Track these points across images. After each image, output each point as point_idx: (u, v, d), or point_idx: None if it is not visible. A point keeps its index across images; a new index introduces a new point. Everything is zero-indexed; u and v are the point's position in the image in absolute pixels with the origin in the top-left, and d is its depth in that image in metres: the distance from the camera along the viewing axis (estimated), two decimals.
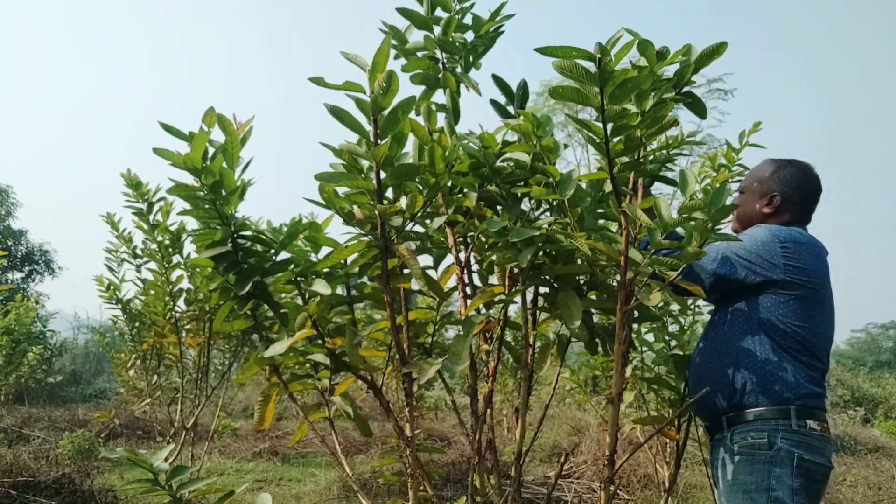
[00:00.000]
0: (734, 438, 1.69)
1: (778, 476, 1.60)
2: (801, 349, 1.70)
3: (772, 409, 1.65)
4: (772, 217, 1.85)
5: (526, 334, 1.67)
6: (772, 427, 1.64)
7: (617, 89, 1.23)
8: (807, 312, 1.70)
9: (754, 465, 1.63)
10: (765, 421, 1.65)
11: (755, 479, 1.62)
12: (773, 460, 1.62)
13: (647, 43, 1.23)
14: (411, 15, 1.62)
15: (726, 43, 1.30)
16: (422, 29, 1.64)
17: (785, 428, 1.64)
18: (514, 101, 1.68)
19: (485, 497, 1.69)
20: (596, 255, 1.51)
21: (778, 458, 1.61)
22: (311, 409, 1.83)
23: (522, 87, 1.67)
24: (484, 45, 1.66)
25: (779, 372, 1.67)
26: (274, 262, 1.61)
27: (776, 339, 1.69)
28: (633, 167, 1.48)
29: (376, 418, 8.25)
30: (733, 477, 1.66)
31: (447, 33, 1.61)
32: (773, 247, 1.69)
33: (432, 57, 1.66)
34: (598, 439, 5.67)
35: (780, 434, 1.63)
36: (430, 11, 1.62)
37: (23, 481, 4.09)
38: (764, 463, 1.62)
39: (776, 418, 1.65)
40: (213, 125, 1.44)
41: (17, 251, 18.85)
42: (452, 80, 1.62)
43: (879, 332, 35.87)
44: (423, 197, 1.50)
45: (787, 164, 1.88)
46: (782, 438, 1.63)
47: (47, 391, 11.01)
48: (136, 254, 3.70)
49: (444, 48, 1.64)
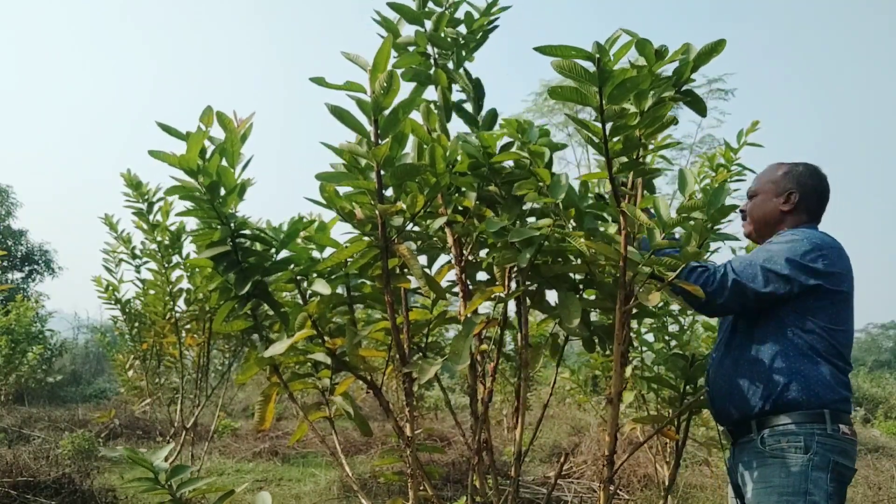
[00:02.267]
0: (766, 441, 1.67)
1: (815, 480, 1.59)
2: (834, 352, 1.69)
3: (807, 413, 1.64)
4: (790, 215, 1.84)
5: (525, 334, 1.67)
6: (807, 431, 1.63)
7: (616, 89, 1.24)
8: (840, 316, 1.71)
9: (790, 468, 1.62)
10: (799, 425, 1.64)
11: (792, 483, 1.60)
12: (810, 464, 1.61)
13: (646, 42, 1.23)
14: (403, 9, 1.61)
15: (724, 41, 1.30)
16: (413, 24, 1.62)
17: (820, 432, 1.63)
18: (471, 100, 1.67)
19: (485, 497, 1.70)
20: (594, 254, 1.51)
21: (814, 463, 1.61)
22: (311, 408, 1.83)
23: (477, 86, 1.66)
24: (476, 41, 1.65)
25: (814, 375, 1.66)
26: (274, 262, 1.61)
27: (810, 342, 1.68)
28: (632, 167, 1.48)
29: (376, 418, 8.25)
30: (767, 480, 1.64)
31: (439, 28, 1.60)
32: (814, 255, 1.68)
33: (423, 53, 1.65)
34: (598, 439, 5.66)
35: (816, 438, 1.62)
36: (422, 6, 1.62)
37: (23, 481, 4.09)
38: (801, 467, 1.61)
39: (811, 422, 1.64)
40: (210, 124, 1.44)
41: (17, 251, 18.83)
42: (444, 77, 1.62)
43: (879, 332, 35.86)
44: (424, 197, 1.50)
45: (798, 164, 1.89)
46: (818, 443, 1.62)
47: (47, 391, 10.99)
48: (134, 254, 3.70)
49: (435, 44, 1.63)
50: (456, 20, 1.63)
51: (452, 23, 1.62)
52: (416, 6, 1.61)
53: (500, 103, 2.17)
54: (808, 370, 1.67)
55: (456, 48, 1.63)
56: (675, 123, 1.38)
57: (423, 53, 1.65)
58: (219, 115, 1.44)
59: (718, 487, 4.88)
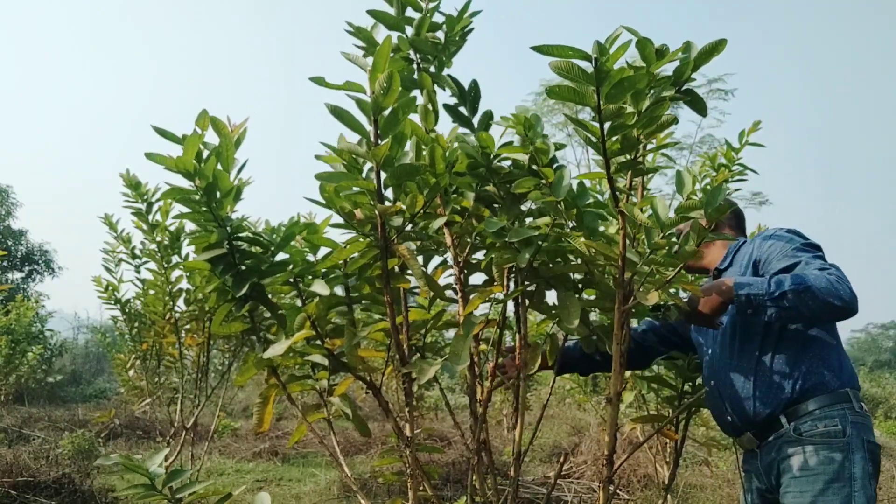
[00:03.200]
0: (801, 429, 1.65)
1: (856, 462, 1.58)
2: (833, 330, 1.72)
3: (834, 395, 1.64)
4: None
5: (524, 334, 1.67)
6: (840, 412, 1.62)
7: (613, 88, 1.23)
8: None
9: (833, 453, 1.60)
10: (831, 406, 1.63)
11: (836, 468, 1.58)
12: (849, 446, 1.60)
13: (646, 41, 1.23)
14: (383, 16, 1.62)
15: (725, 40, 1.30)
16: (393, 30, 1.62)
17: (850, 411, 1.63)
18: (466, 103, 1.67)
19: (484, 497, 1.69)
20: (594, 254, 1.51)
21: (853, 444, 1.60)
22: (310, 409, 1.83)
23: (474, 88, 1.66)
24: (455, 45, 1.66)
25: (829, 357, 1.67)
26: (271, 264, 1.61)
27: (818, 326, 1.70)
28: (630, 167, 1.48)
29: (376, 418, 8.25)
30: (810, 467, 1.62)
31: (420, 33, 1.61)
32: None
33: (406, 58, 1.66)
34: (598, 439, 5.66)
35: (849, 419, 1.62)
36: (401, 12, 1.62)
37: (23, 481, 4.09)
38: (842, 450, 1.59)
39: (840, 402, 1.63)
40: (206, 127, 1.44)
41: (17, 251, 18.85)
42: (429, 80, 1.62)
43: (879, 332, 35.87)
44: (424, 197, 1.50)
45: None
46: (851, 423, 1.61)
47: (47, 391, 11.00)
48: (134, 254, 3.70)
49: (417, 48, 1.63)
50: (435, 25, 1.63)
51: (432, 27, 1.63)
52: (396, 12, 1.61)
53: (500, 104, 2.17)
54: (823, 353, 1.68)
55: (437, 52, 1.63)
56: (676, 123, 1.38)
57: (406, 58, 1.65)
58: (213, 119, 1.44)
59: (718, 487, 4.88)
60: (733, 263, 1.87)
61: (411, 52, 1.65)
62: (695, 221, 1.44)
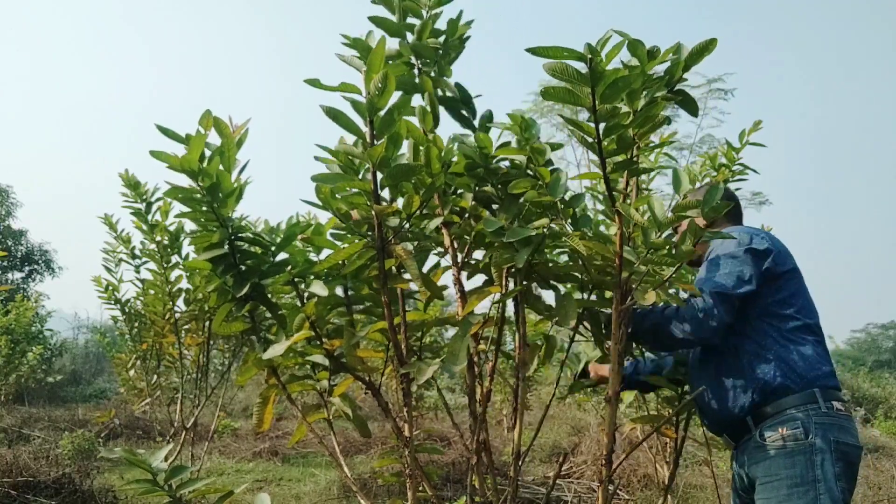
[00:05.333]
0: (765, 434, 1.65)
1: (820, 464, 1.57)
2: (805, 329, 1.70)
3: (798, 396, 1.63)
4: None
5: (523, 334, 1.68)
6: (804, 413, 1.61)
7: (608, 89, 1.24)
8: (795, 290, 1.73)
9: (794, 457, 1.59)
10: (795, 408, 1.62)
11: (799, 472, 1.58)
12: (812, 449, 1.58)
13: (638, 42, 1.24)
14: (384, 23, 1.63)
15: (716, 40, 1.30)
16: (395, 36, 1.64)
17: (815, 412, 1.61)
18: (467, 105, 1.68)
19: (484, 497, 1.70)
20: (591, 254, 1.51)
21: (817, 446, 1.58)
22: (310, 409, 1.83)
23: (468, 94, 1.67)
24: (455, 49, 1.67)
25: (793, 357, 1.66)
26: (272, 264, 1.61)
27: (778, 326, 1.69)
28: (626, 166, 1.48)
29: (376, 418, 8.25)
30: (773, 473, 1.62)
31: (422, 38, 1.62)
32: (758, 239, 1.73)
33: (407, 63, 1.67)
34: (597, 439, 5.66)
35: (813, 419, 1.60)
36: (402, 19, 1.63)
37: (23, 481, 4.09)
38: (804, 453, 1.58)
39: (804, 404, 1.62)
40: (209, 128, 1.45)
41: (17, 251, 18.85)
42: (430, 84, 1.63)
43: (879, 332, 35.80)
44: (420, 197, 1.51)
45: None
46: (815, 424, 1.60)
47: (47, 391, 11.00)
48: (134, 254, 3.71)
49: (418, 53, 1.64)
50: (436, 31, 1.65)
51: (433, 34, 1.64)
52: (397, 18, 1.62)
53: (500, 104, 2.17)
54: (787, 354, 1.67)
55: (438, 57, 1.64)
56: (668, 123, 1.39)
57: (407, 63, 1.66)
58: (215, 120, 1.45)
59: (718, 487, 4.87)
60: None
61: (412, 57, 1.66)
62: (691, 221, 1.44)
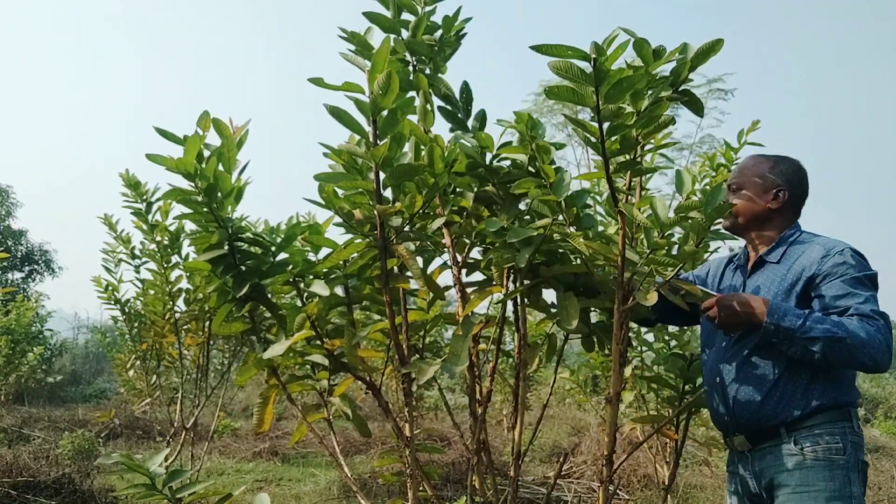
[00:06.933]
0: (802, 444, 1.62)
1: (854, 481, 1.58)
2: None
3: (836, 412, 1.62)
4: (778, 213, 1.77)
5: (524, 334, 1.67)
6: (841, 430, 1.61)
7: (612, 89, 1.23)
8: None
9: (834, 471, 1.58)
10: (833, 424, 1.62)
11: (837, 486, 1.57)
12: (848, 465, 1.59)
13: (643, 42, 1.23)
14: (378, 19, 1.62)
15: (722, 40, 1.30)
16: (389, 32, 1.63)
17: (850, 431, 1.62)
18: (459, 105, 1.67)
19: (484, 497, 1.70)
20: (593, 254, 1.51)
21: (851, 463, 1.59)
22: (310, 409, 1.83)
23: (465, 90, 1.66)
24: (451, 47, 1.66)
25: (835, 374, 1.64)
26: (272, 264, 1.61)
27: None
28: (630, 167, 1.48)
29: (376, 418, 8.25)
30: (810, 483, 1.59)
31: (416, 35, 1.61)
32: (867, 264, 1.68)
33: (402, 60, 1.66)
34: (598, 439, 5.66)
35: (849, 438, 1.61)
36: (397, 15, 1.62)
37: (23, 481, 4.09)
38: (842, 468, 1.58)
39: (842, 420, 1.62)
40: (207, 128, 1.44)
41: (17, 251, 18.85)
42: (425, 82, 1.62)
43: None
44: (423, 197, 1.50)
45: (783, 159, 1.81)
46: (851, 443, 1.61)
47: (47, 391, 10.99)
48: (134, 254, 3.71)
49: (413, 50, 1.63)
50: (431, 27, 1.64)
51: (428, 30, 1.63)
52: (392, 15, 1.62)
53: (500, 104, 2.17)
54: (839, 372, 1.65)
55: (433, 54, 1.64)
56: (673, 123, 1.38)
57: (402, 60, 1.66)
58: (215, 121, 1.44)
59: (718, 487, 4.88)
60: (782, 260, 1.74)
61: (407, 54, 1.66)
62: (694, 221, 1.44)
